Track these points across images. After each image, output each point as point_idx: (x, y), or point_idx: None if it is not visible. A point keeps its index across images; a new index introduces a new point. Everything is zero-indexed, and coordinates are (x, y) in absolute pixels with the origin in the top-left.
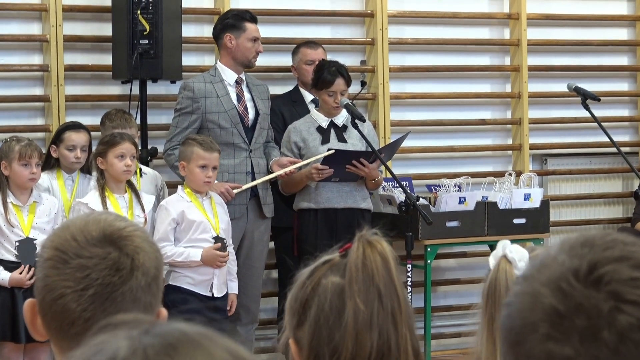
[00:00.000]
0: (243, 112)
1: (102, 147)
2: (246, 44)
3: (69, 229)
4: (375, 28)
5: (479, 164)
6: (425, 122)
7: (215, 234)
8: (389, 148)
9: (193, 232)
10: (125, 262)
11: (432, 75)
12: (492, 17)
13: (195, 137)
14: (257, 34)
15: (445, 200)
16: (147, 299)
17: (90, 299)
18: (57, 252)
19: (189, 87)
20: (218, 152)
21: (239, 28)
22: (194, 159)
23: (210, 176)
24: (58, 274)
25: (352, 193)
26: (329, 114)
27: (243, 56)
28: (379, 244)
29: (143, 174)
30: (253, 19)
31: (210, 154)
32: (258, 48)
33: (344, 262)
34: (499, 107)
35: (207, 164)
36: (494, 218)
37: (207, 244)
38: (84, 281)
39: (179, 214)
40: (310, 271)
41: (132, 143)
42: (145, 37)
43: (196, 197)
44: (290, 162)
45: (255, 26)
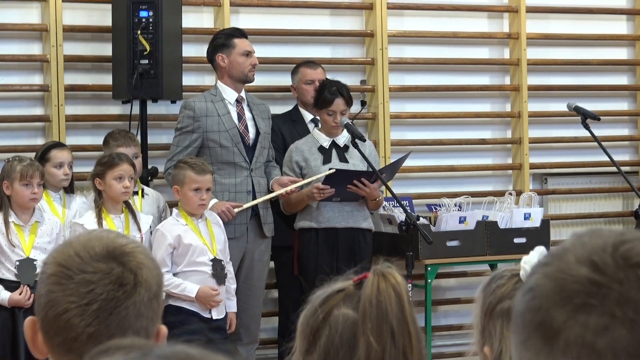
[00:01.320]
0: (244, 131)
1: (100, 168)
2: (238, 59)
3: (72, 246)
4: (375, 48)
5: (479, 183)
6: (425, 142)
7: (212, 256)
8: (390, 168)
9: (190, 256)
10: (128, 277)
11: (432, 95)
12: (492, 36)
13: (187, 161)
14: (249, 47)
15: (446, 219)
16: (149, 314)
17: (94, 313)
18: (61, 267)
19: (190, 106)
20: (211, 173)
21: (228, 46)
22: (187, 182)
23: (204, 198)
24: (62, 289)
25: (353, 213)
26: (330, 134)
27: (238, 72)
28: (393, 278)
29: (145, 195)
30: (242, 34)
31: (202, 177)
32: (253, 61)
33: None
34: (499, 126)
35: (201, 186)
36: (495, 237)
37: (205, 267)
38: (88, 296)
39: (175, 239)
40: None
41: (131, 164)
42: (145, 57)
43: (192, 220)
44: (291, 182)
45: (245, 41)
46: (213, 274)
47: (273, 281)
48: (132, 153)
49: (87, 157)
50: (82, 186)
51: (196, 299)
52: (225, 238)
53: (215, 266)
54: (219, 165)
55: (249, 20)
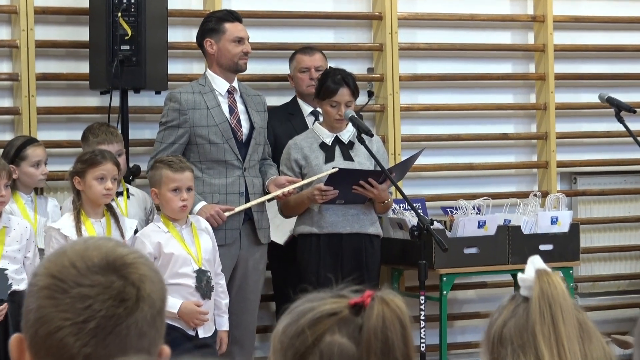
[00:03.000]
0: (236, 125)
1: (81, 166)
2: (228, 46)
3: (67, 255)
4: (384, 32)
5: (500, 183)
6: (440, 137)
7: (197, 267)
8: (401, 167)
9: (172, 267)
10: (130, 292)
11: (448, 85)
12: (515, 19)
13: (163, 159)
14: (241, 33)
15: (463, 224)
16: (152, 333)
17: (91, 332)
18: (54, 280)
19: (176, 97)
20: (190, 170)
21: (217, 31)
22: (164, 182)
23: (186, 199)
24: (55, 304)
25: (359, 217)
26: (333, 128)
27: (228, 60)
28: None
29: (130, 196)
30: (235, 18)
31: (180, 174)
32: (245, 48)
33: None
34: (523, 120)
35: (179, 185)
36: (518, 244)
37: (188, 279)
38: (84, 312)
39: (155, 247)
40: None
41: (115, 163)
42: (126, 43)
43: (174, 227)
44: (289, 182)
45: (238, 25)
46: (197, 287)
47: (269, 293)
48: (114, 150)
49: (61, 154)
50: (56, 187)
51: (179, 315)
52: (214, 246)
53: (200, 278)
54: (208, 163)
55: (242, 2)
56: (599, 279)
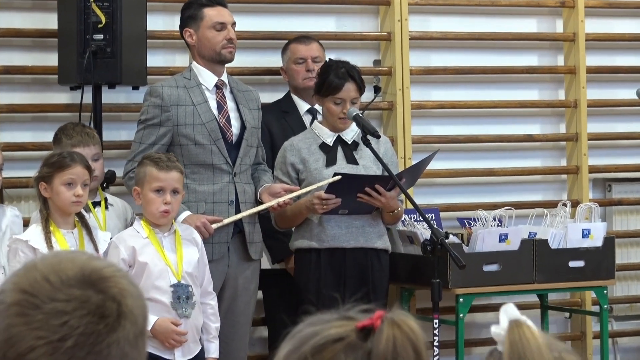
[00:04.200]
0: (225, 124)
1: (47, 170)
2: (207, 34)
3: (37, 269)
4: (393, 19)
5: (524, 191)
6: (457, 139)
7: (176, 280)
8: (411, 172)
9: (146, 278)
10: (111, 307)
11: (465, 79)
12: (541, 5)
13: (150, 155)
14: (221, 17)
15: (482, 237)
16: (134, 355)
17: (68, 352)
18: (25, 295)
19: (157, 92)
20: (179, 171)
21: (196, 18)
22: (147, 181)
23: (169, 202)
24: (26, 322)
25: (365, 229)
26: (335, 128)
27: (209, 50)
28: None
29: (109, 206)
30: (217, 2)
31: (166, 174)
32: (226, 34)
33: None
34: (550, 119)
35: (164, 186)
36: (544, 260)
37: (163, 295)
38: (60, 330)
39: (130, 254)
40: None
41: (85, 167)
42: (100, 31)
43: (154, 233)
44: (285, 190)
45: (220, 10)
46: (173, 304)
47: (261, 316)
48: (91, 154)
49: (25, 157)
50: (20, 195)
51: (152, 333)
52: (203, 261)
53: (178, 294)
54: (194, 167)
55: None
56: (636, 300)
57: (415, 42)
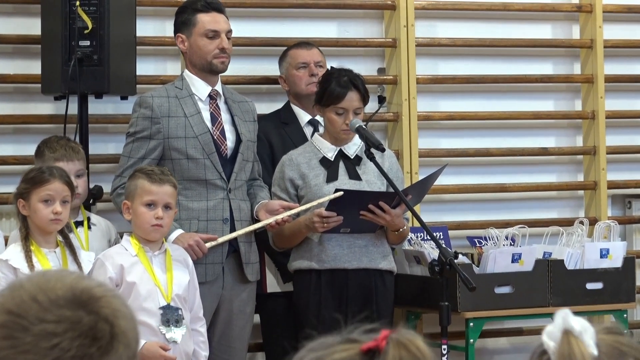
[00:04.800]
0: (219, 137)
1: (24, 186)
2: (199, 41)
3: (24, 288)
4: (398, 24)
5: (538, 208)
6: (466, 152)
7: (165, 302)
8: (418, 188)
9: (134, 299)
10: (103, 328)
11: (475, 89)
12: (557, 9)
13: (142, 168)
14: (215, 25)
15: (494, 257)
16: None
17: None
18: (12, 316)
19: (147, 103)
20: (172, 185)
21: (188, 24)
22: (138, 194)
23: (161, 217)
24: (13, 345)
25: (368, 249)
26: (337, 141)
27: (200, 59)
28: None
29: (92, 226)
30: (211, 7)
31: (158, 187)
32: (219, 44)
33: None
34: (566, 131)
35: (156, 200)
36: (560, 282)
37: (152, 318)
38: (50, 353)
39: (117, 272)
40: None
41: (66, 182)
42: (86, 37)
43: (144, 251)
44: (283, 208)
45: (215, 16)
46: (161, 328)
47: (258, 341)
48: (74, 170)
49: (6, 172)
50: (0, 212)
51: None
52: (193, 284)
53: (167, 317)
54: (186, 183)
55: None
56: None
57: (422, 49)
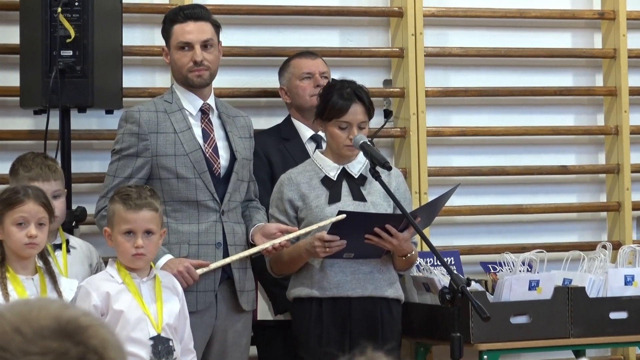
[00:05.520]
0: (212, 155)
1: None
2: (174, 55)
3: (5, 318)
4: (406, 33)
5: (558, 231)
6: (480, 171)
7: (156, 332)
8: (428, 209)
9: (122, 328)
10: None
11: (489, 102)
12: (577, 16)
13: (120, 190)
14: (188, 36)
15: (509, 284)
16: None
17: None
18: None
19: (134, 118)
20: (152, 209)
21: (168, 36)
22: (116, 222)
23: (140, 246)
24: None
25: (374, 275)
26: (339, 158)
27: (178, 73)
28: None
29: (71, 249)
30: (185, 16)
31: (135, 214)
32: (192, 56)
33: None
34: (588, 148)
35: (133, 228)
36: (582, 311)
37: (142, 348)
38: None
39: (103, 299)
40: None
41: (42, 203)
42: (68, 47)
43: (131, 277)
44: (281, 231)
45: (188, 25)
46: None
47: None
48: (51, 191)
49: None
50: None
51: None
52: (184, 313)
53: (157, 348)
54: (175, 205)
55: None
56: None
57: (431, 59)
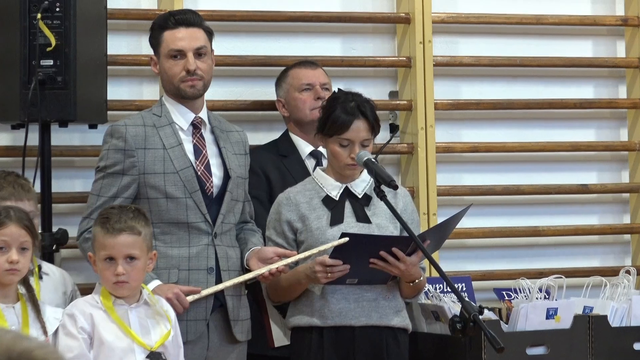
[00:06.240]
0: (204, 173)
1: None
2: (164, 63)
3: None
4: (413, 41)
5: (578, 255)
6: (493, 190)
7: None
8: (437, 232)
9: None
10: None
11: (503, 116)
12: (599, 23)
13: (103, 212)
14: (180, 43)
15: (525, 312)
16: None
17: None
18: None
19: (120, 133)
20: (134, 233)
21: (157, 44)
22: (96, 247)
23: (120, 273)
24: None
25: (379, 303)
26: (342, 177)
27: (168, 84)
28: None
29: (43, 275)
30: (177, 22)
31: (113, 239)
32: (185, 65)
33: None
34: (610, 165)
35: (112, 254)
36: (603, 341)
37: None
38: None
39: (89, 323)
40: None
41: (24, 226)
42: (49, 56)
43: (112, 305)
44: (279, 255)
45: (179, 32)
46: None
47: None
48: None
49: None
50: None
51: None
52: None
53: None
54: (164, 226)
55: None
56: None
57: (441, 70)
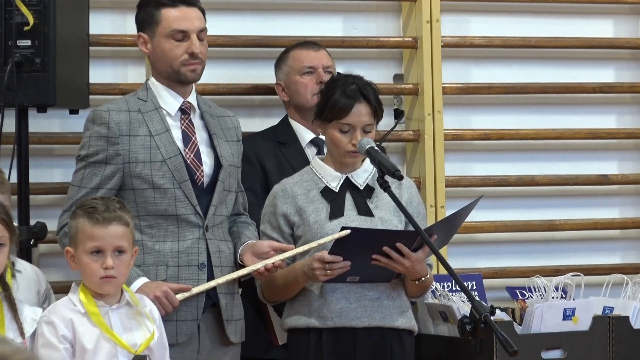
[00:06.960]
0: (193, 161)
1: None
2: (163, 44)
3: None
4: (420, 20)
5: (596, 251)
6: (506, 181)
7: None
8: (445, 225)
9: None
10: None
11: (516, 101)
12: (620, 1)
13: (84, 203)
14: (185, 23)
15: (540, 313)
16: None
17: None
18: None
19: (103, 118)
20: (123, 223)
21: (151, 21)
22: (80, 240)
23: (110, 266)
24: None
25: (382, 302)
26: (343, 166)
27: (165, 66)
28: None
29: (16, 273)
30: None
31: (103, 229)
32: (189, 48)
33: None
34: (632, 154)
35: (101, 246)
36: (624, 344)
37: None
38: None
39: (69, 329)
40: None
41: (1, 220)
42: (27, 36)
43: (95, 306)
44: (275, 250)
45: (181, 11)
46: None
47: None
48: None
49: None
50: None
51: None
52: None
53: None
54: (151, 219)
55: None
56: None
57: (449, 51)
